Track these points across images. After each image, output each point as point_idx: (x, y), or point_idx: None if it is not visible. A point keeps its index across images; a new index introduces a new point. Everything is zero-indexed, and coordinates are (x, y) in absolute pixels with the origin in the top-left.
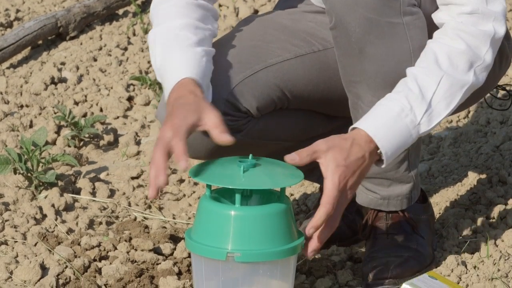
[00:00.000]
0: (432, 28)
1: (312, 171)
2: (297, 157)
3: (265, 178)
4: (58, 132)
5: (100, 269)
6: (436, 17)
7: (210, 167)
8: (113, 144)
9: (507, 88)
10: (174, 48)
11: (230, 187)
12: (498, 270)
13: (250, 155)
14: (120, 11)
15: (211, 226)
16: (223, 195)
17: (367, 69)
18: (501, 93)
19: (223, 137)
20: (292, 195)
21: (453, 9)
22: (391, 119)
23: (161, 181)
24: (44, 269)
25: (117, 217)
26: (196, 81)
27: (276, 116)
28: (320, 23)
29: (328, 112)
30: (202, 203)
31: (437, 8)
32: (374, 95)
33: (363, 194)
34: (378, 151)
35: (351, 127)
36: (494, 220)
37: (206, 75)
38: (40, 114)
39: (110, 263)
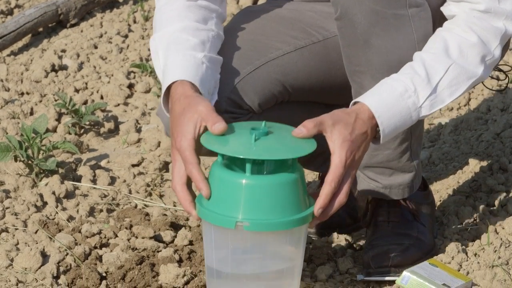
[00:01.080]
0: (436, 19)
1: (310, 162)
2: (304, 129)
3: (276, 148)
4: (58, 120)
5: (100, 256)
6: (446, 9)
7: (222, 134)
8: (114, 131)
9: (504, 70)
10: (172, 51)
11: (240, 157)
12: (499, 257)
13: (264, 122)
14: None
15: (221, 194)
16: (235, 161)
17: (372, 59)
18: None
19: (215, 128)
20: None
21: (465, 5)
22: (394, 98)
23: (194, 216)
24: (44, 256)
25: (117, 205)
26: (190, 83)
27: (276, 109)
28: (320, 12)
29: (328, 101)
30: (213, 170)
31: (444, 0)
32: None
33: (364, 183)
34: (377, 128)
35: (353, 101)
36: (494, 208)
37: (206, 80)
38: (40, 101)
39: (111, 251)
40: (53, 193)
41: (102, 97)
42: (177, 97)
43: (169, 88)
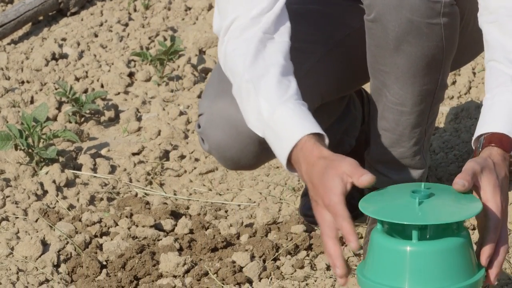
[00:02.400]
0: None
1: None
2: (466, 183)
3: (443, 210)
4: (59, 108)
5: (101, 245)
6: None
7: (381, 199)
8: (114, 120)
9: None
10: (280, 105)
11: (408, 223)
12: None
13: (423, 184)
14: None
15: (386, 263)
16: (394, 227)
17: (399, 63)
18: None
19: (363, 180)
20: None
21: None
22: None
23: (341, 272)
24: (45, 245)
25: (118, 193)
26: (315, 137)
27: None
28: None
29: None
30: (374, 238)
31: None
32: (401, 88)
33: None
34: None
35: (478, 134)
36: None
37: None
38: (41, 90)
39: (111, 239)
40: (54, 181)
41: (102, 86)
42: (313, 159)
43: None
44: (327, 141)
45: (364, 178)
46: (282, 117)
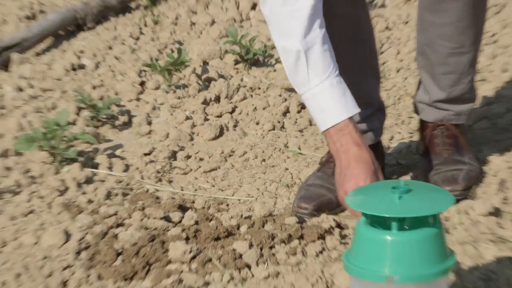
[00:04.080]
0: None
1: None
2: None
3: (420, 204)
4: (78, 113)
5: (116, 235)
6: None
7: (365, 194)
8: (127, 124)
9: None
10: (325, 81)
11: (388, 215)
12: (469, 235)
13: (402, 181)
14: (133, 5)
15: (369, 251)
16: (377, 219)
17: (457, 14)
18: None
19: None
20: (287, 169)
21: None
22: None
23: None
24: (67, 235)
25: (131, 189)
26: (352, 122)
27: None
28: None
29: None
30: (359, 229)
31: None
32: (460, 35)
33: (435, 113)
34: None
35: None
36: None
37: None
38: (61, 97)
39: (126, 230)
40: (74, 179)
41: (116, 93)
42: (348, 146)
43: None
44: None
45: None
46: (327, 92)
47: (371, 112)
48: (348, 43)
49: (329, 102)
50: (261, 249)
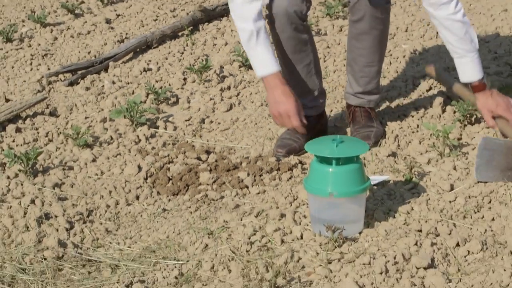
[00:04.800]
0: None
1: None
2: (492, 123)
3: (349, 150)
4: (147, 96)
5: (168, 168)
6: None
7: (316, 143)
8: (176, 102)
9: None
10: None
11: (330, 156)
12: (378, 168)
13: (338, 136)
14: (180, 34)
15: (318, 177)
16: (323, 158)
17: (371, 42)
18: None
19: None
20: (269, 129)
21: None
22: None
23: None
24: (139, 168)
25: (177, 141)
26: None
27: None
28: None
29: None
30: (312, 164)
31: None
32: (372, 54)
33: (356, 100)
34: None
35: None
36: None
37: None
38: (137, 87)
39: (174, 165)
40: (144, 135)
41: (169, 85)
42: (273, 85)
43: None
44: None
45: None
46: (267, 54)
47: (316, 95)
48: (299, 52)
49: (269, 59)
50: (254, 176)
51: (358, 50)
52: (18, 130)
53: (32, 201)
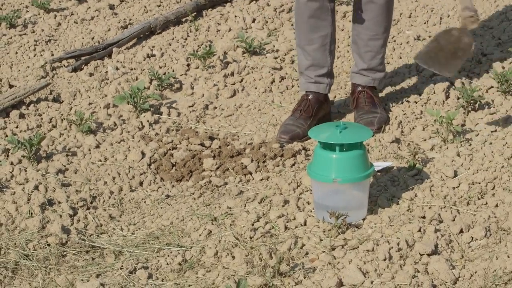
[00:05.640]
0: None
1: None
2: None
3: (352, 136)
4: (150, 83)
5: (172, 154)
6: None
7: (319, 129)
8: (179, 88)
9: None
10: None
11: (333, 142)
12: (381, 154)
13: (342, 122)
14: (183, 20)
15: (322, 163)
16: (327, 144)
17: (377, 13)
18: None
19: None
20: (273, 115)
21: None
22: None
23: None
24: (143, 154)
25: (181, 127)
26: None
27: None
28: None
29: None
30: (316, 150)
31: None
32: (376, 26)
33: (361, 78)
34: None
35: None
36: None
37: None
38: (141, 73)
39: (177, 151)
40: (147, 121)
41: (173, 70)
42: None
43: None
44: None
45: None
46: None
47: (324, 72)
48: (319, 19)
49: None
50: (258, 162)
51: (363, 22)
52: (21, 116)
53: (36, 187)
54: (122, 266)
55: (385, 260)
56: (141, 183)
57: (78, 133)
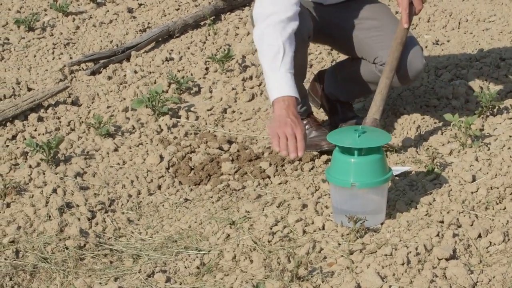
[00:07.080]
0: None
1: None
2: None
3: (371, 140)
4: (169, 86)
5: (190, 158)
6: None
7: (338, 133)
8: (198, 92)
9: None
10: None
11: (352, 147)
12: (399, 159)
13: (360, 127)
14: (202, 23)
15: (341, 168)
16: (346, 148)
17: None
18: None
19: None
20: None
21: None
22: None
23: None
24: (161, 157)
25: (199, 130)
26: (290, 99)
27: None
28: None
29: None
30: (335, 154)
31: None
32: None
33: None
34: None
35: None
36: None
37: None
38: (159, 77)
39: (196, 154)
40: (166, 124)
41: (191, 74)
42: (287, 105)
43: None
44: (298, 100)
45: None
46: (278, 78)
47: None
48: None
49: (290, 84)
50: (276, 166)
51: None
52: (40, 119)
53: (54, 190)
54: (140, 269)
55: (403, 264)
56: (159, 187)
57: (97, 137)
